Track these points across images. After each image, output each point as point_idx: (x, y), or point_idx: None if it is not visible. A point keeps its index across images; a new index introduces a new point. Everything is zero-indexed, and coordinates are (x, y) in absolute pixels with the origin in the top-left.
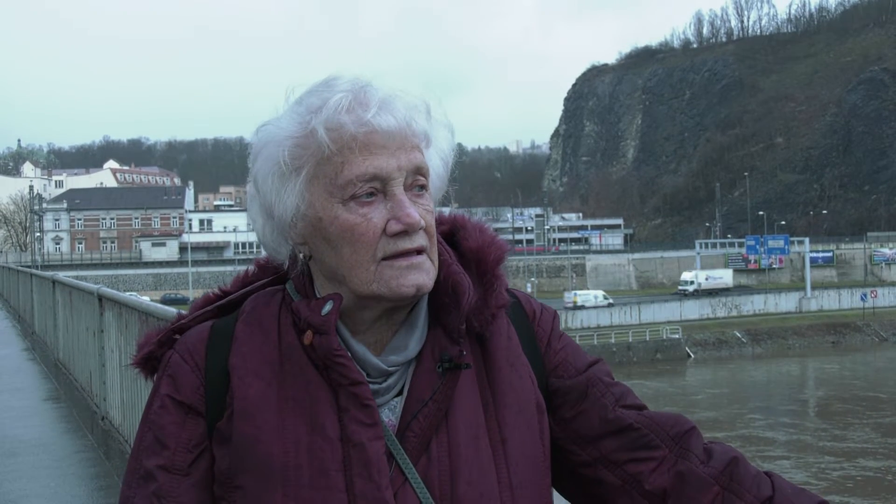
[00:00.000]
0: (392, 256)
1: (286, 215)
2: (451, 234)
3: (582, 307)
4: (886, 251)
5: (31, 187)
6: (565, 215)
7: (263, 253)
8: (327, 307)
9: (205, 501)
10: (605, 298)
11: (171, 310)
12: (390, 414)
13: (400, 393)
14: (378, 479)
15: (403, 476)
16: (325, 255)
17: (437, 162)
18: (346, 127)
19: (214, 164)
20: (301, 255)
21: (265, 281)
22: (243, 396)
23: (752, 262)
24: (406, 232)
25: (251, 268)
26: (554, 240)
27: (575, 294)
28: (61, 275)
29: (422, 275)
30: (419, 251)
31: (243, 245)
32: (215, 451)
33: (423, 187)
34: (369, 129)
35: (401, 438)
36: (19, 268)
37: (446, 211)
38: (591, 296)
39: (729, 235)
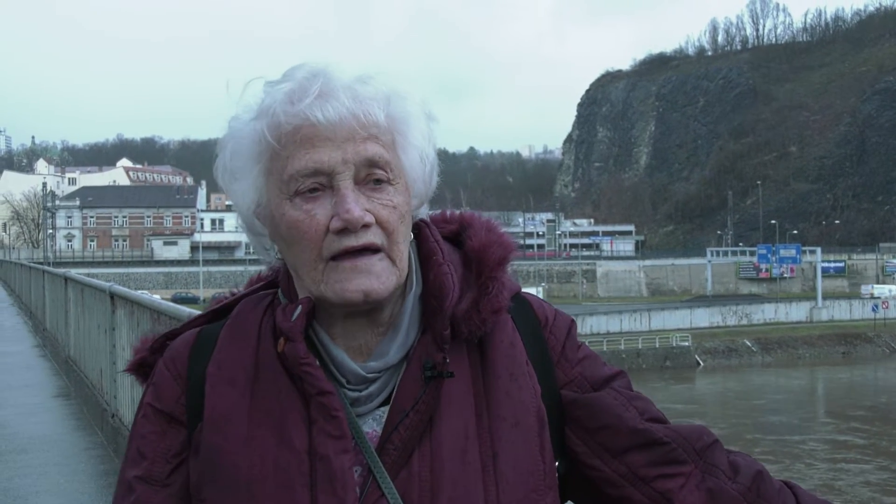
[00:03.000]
0: (338, 255)
1: (246, 211)
2: (458, 233)
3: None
4: None
5: (44, 184)
6: (577, 221)
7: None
8: (297, 312)
9: None
10: None
11: (183, 308)
12: (375, 424)
13: (387, 402)
14: (343, 494)
15: (380, 491)
16: (283, 252)
17: (412, 155)
18: (280, 119)
19: None
20: (275, 253)
21: (262, 284)
22: (213, 406)
23: (764, 271)
24: (348, 229)
25: (264, 270)
26: (565, 245)
27: (872, 287)
28: (73, 272)
29: (370, 279)
30: (370, 249)
31: None
32: (190, 462)
33: (381, 181)
34: (304, 121)
35: (381, 451)
36: (31, 264)
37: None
38: (887, 289)
39: (740, 244)
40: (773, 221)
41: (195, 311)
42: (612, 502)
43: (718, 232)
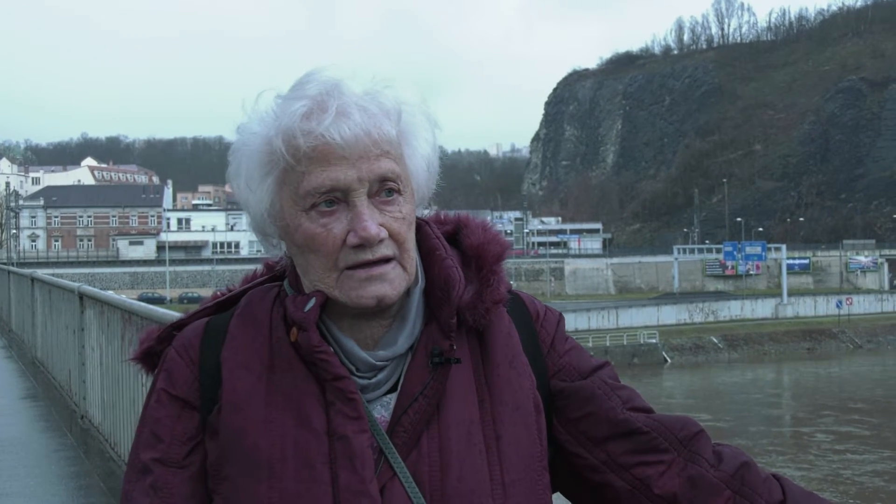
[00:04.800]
0: (353, 267)
1: (257, 214)
2: (454, 233)
3: None
4: (862, 259)
5: (7, 184)
6: (544, 219)
7: (243, 252)
8: (310, 304)
9: (199, 494)
10: None
11: (156, 308)
12: (383, 410)
13: (394, 389)
14: (362, 471)
15: (392, 471)
16: (295, 256)
17: (418, 163)
18: (298, 139)
19: (194, 163)
20: (283, 252)
21: (265, 278)
22: (232, 389)
23: (730, 268)
24: (364, 245)
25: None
26: (533, 243)
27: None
28: (39, 272)
29: (384, 286)
30: (385, 260)
31: (221, 244)
32: (207, 444)
33: (392, 191)
34: (321, 142)
35: (391, 434)
36: None
37: (427, 214)
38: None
39: (707, 241)
40: (738, 219)
41: (169, 311)
42: (594, 487)
43: (685, 229)
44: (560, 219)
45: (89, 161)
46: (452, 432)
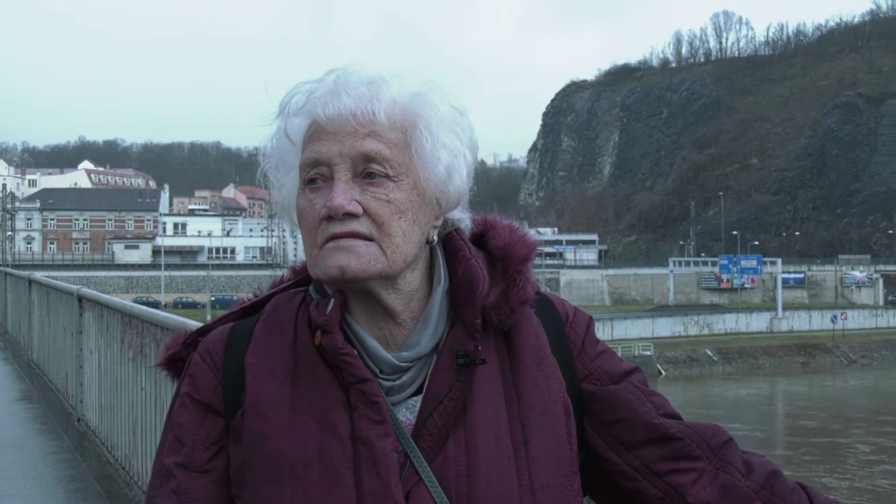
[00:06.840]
0: (326, 241)
1: (286, 202)
2: (481, 234)
3: None
4: (857, 274)
5: (3, 186)
6: (541, 230)
7: (238, 258)
8: (330, 306)
9: (222, 499)
10: None
11: (156, 312)
12: (408, 413)
13: (420, 391)
14: (386, 476)
15: (418, 475)
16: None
17: (424, 156)
18: (294, 118)
19: (191, 168)
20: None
21: (292, 283)
22: (255, 394)
23: (725, 281)
24: (332, 217)
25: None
26: None
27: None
28: (37, 275)
29: (348, 257)
30: (358, 237)
31: (217, 250)
32: (230, 448)
33: (376, 175)
34: (311, 118)
35: (417, 437)
36: None
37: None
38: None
39: (702, 254)
40: (734, 232)
41: (170, 315)
42: (626, 494)
43: (681, 242)
44: (556, 230)
45: (86, 164)
46: (480, 435)
